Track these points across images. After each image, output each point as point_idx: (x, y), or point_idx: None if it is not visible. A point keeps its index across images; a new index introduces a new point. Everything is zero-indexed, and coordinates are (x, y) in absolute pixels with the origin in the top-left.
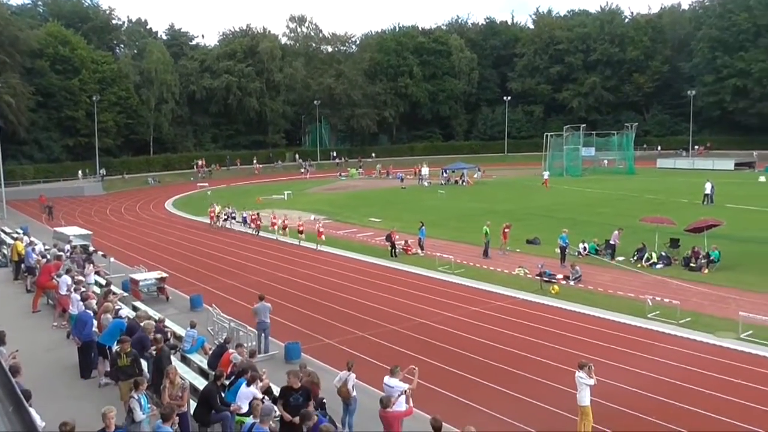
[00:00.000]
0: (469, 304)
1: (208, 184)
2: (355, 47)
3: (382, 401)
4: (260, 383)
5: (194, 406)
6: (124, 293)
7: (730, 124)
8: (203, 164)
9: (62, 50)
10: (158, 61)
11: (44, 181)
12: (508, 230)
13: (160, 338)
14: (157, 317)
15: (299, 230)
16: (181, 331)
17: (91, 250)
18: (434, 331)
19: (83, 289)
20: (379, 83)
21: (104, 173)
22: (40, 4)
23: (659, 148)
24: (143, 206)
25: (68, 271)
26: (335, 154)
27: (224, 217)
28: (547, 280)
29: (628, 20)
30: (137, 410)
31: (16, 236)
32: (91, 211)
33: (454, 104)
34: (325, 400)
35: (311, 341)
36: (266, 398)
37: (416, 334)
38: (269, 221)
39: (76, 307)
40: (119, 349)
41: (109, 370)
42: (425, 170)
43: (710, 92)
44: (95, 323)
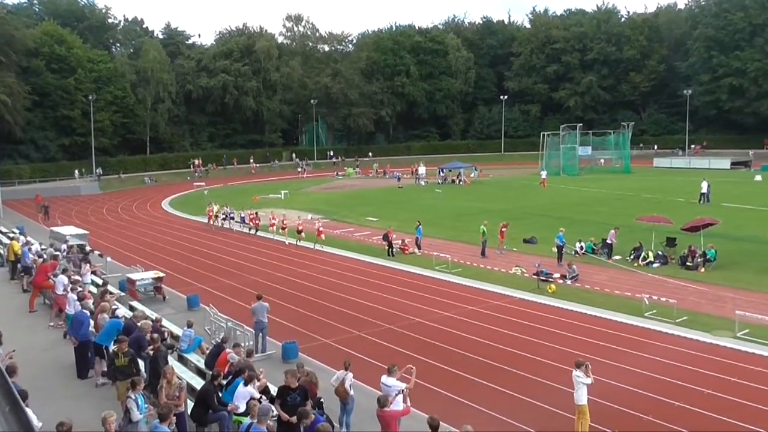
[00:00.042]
0: (466, 303)
1: (204, 183)
2: (351, 46)
3: (379, 400)
4: (257, 383)
5: (191, 405)
6: (120, 293)
7: (726, 123)
8: (200, 164)
9: (58, 49)
10: (154, 60)
11: (40, 180)
12: (505, 229)
13: (157, 338)
14: (154, 317)
15: (298, 230)
16: (178, 330)
17: (87, 249)
18: (431, 330)
19: (80, 288)
20: (375, 82)
21: (101, 173)
22: (35, 3)
23: (656, 147)
24: (140, 206)
25: (65, 270)
26: (332, 153)
27: (222, 216)
28: (544, 279)
29: (624, 19)
30: (134, 410)
31: (12, 236)
32: (87, 210)
33: (450, 103)
34: (322, 399)
35: (308, 341)
36: (263, 398)
37: (413, 333)
38: (268, 221)
39: (72, 306)
40: (117, 348)
41: (106, 370)
42: (422, 169)
43: (706, 91)
44: (92, 323)
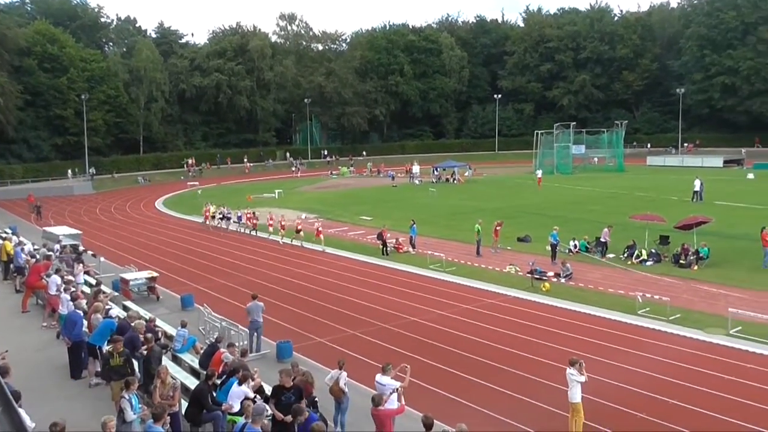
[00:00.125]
0: (460, 302)
1: (198, 183)
2: (345, 45)
3: (374, 399)
4: (252, 382)
5: (185, 405)
6: (114, 293)
7: (718, 121)
8: (193, 163)
9: (50, 48)
10: (147, 59)
11: (33, 180)
12: (499, 228)
13: (150, 338)
14: (147, 317)
15: (297, 230)
16: (172, 330)
17: (80, 249)
18: (426, 329)
19: (73, 289)
20: (369, 81)
21: (94, 172)
22: (28, 2)
23: (649, 145)
24: (133, 205)
25: (58, 271)
26: (326, 152)
27: (219, 216)
28: (538, 277)
29: (617, 18)
30: (128, 410)
31: (4, 236)
32: (80, 210)
33: (444, 102)
34: (317, 398)
35: (303, 340)
36: (258, 397)
37: (408, 332)
38: (266, 220)
39: (65, 307)
40: (112, 348)
41: (99, 370)
42: (416, 168)
43: (699, 90)
44: (85, 323)
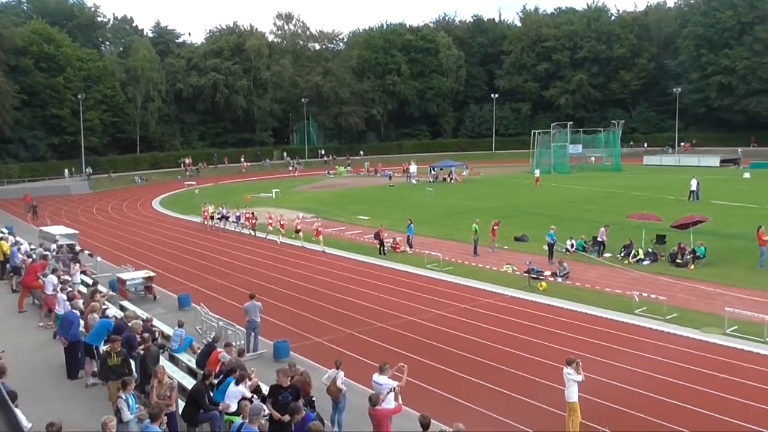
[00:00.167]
0: (457, 301)
1: (195, 182)
2: (342, 45)
3: (371, 399)
4: (249, 382)
5: (182, 405)
6: (111, 293)
7: (715, 121)
8: (190, 163)
9: (47, 48)
10: (144, 58)
11: (29, 180)
12: (497, 227)
13: (147, 337)
14: (144, 316)
15: (297, 230)
16: (169, 330)
17: (77, 249)
18: (423, 328)
19: (69, 288)
20: (366, 81)
21: (90, 172)
22: (24, 1)
23: (645, 145)
24: (130, 205)
25: (54, 270)
26: (323, 152)
27: (218, 216)
28: (535, 277)
29: (614, 18)
30: (125, 410)
31: (1, 236)
32: (77, 210)
33: (441, 102)
34: (314, 398)
35: (300, 339)
36: (255, 397)
37: (405, 331)
38: (265, 220)
39: (62, 306)
40: (109, 348)
41: (96, 370)
42: (413, 168)
43: (696, 89)
44: (82, 323)
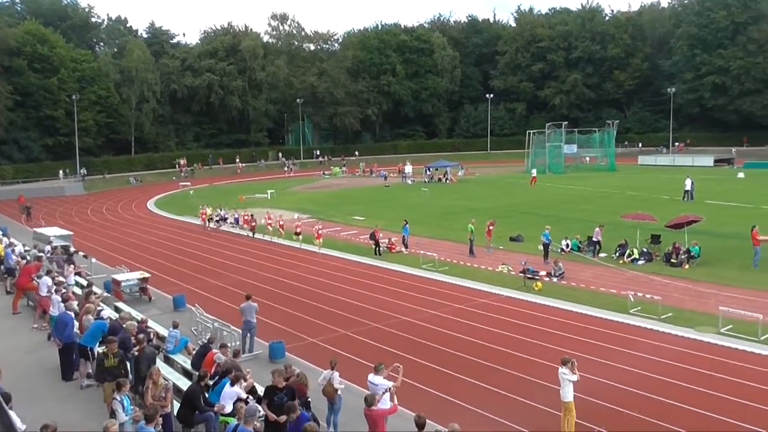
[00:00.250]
0: (453, 301)
1: (190, 183)
2: (337, 45)
3: (366, 399)
4: (244, 383)
5: (178, 406)
6: (105, 294)
7: (709, 121)
8: (185, 163)
9: (41, 49)
10: (139, 59)
11: (24, 181)
12: (492, 228)
13: (142, 339)
14: (139, 318)
15: (296, 232)
16: (164, 331)
17: (71, 250)
18: (418, 328)
19: (64, 290)
20: (361, 81)
21: (85, 173)
22: (18, 2)
23: (640, 145)
24: (125, 206)
25: (48, 272)
26: (318, 152)
27: (216, 218)
28: (530, 277)
29: (608, 18)
30: (120, 412)
31: None
32: (71, 211)
33: (436, 102)
34: (310, 399)
35: (295, 340)
36: (250, 398)
37: (400, 331)
38: (263, 220)
39: (56, 308)
40: (106, 349)
41: (91, 371)
42: (408, 168)
43: (690, 89)
44: (76, 324)
